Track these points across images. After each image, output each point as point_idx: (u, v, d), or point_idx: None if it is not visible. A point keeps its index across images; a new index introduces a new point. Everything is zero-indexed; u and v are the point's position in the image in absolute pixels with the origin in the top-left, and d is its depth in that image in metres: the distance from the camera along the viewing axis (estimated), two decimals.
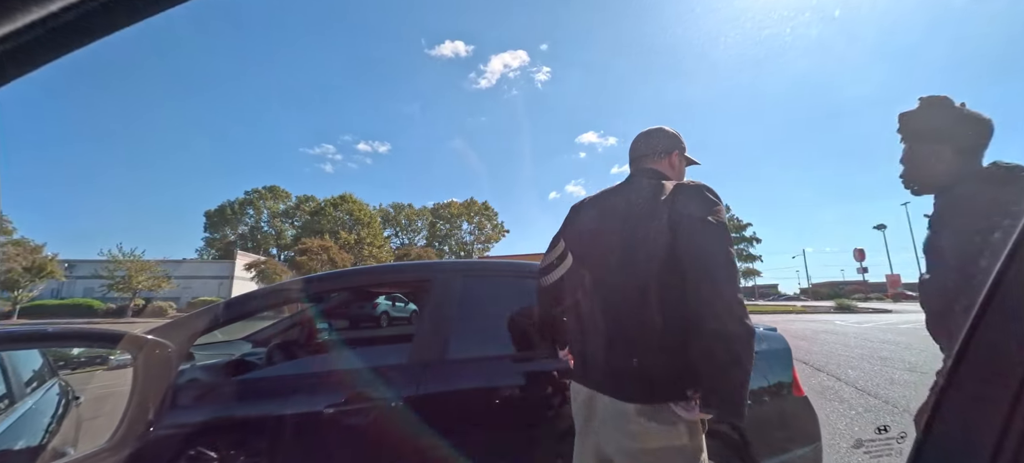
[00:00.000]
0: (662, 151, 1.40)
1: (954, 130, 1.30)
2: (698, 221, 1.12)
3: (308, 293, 2.10)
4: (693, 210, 1.14)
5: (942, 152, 1.32)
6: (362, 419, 1.61)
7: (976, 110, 1.30)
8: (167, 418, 1.48)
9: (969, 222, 1.17)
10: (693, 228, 1.11)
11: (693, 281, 1.07)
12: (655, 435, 1.08)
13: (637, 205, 1.23)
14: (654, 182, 1.26)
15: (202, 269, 42.35)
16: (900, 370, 6.19)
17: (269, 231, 61.34)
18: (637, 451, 1.10)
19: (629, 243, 1.19)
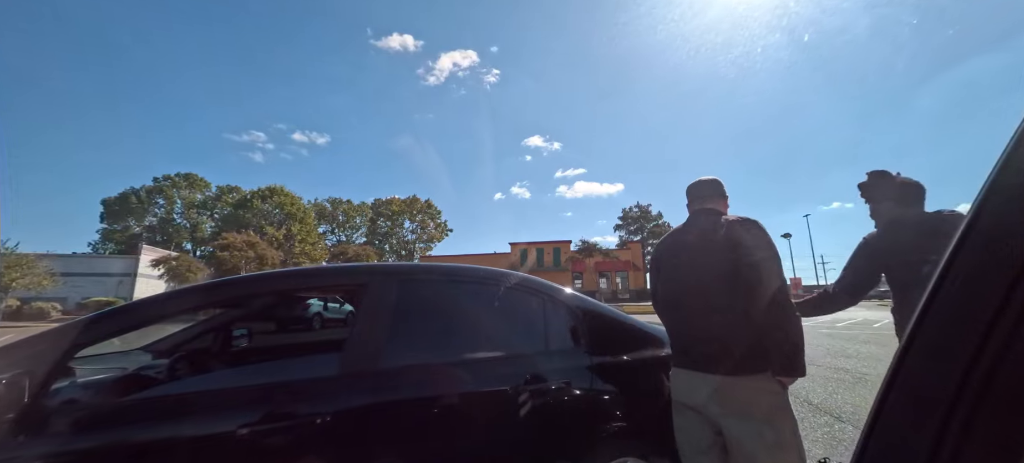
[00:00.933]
0: (719, 196, 1.90)
1: (892, 193, 1.94)
2: (766, 250, 1.63)
3: (220, 300, 1.88)
4: (764, 242, 1.64)
5: (884, 208, 1.98)
6: (284, 438, 1.46)
7: (908, 177, 1.94)
8: (20, 454, 1.24)
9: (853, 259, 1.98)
10: (764, 257, 1.61)
11: (762, 298, 1.56)
12: (758, 394, 1.58)
13: (714, 237, 1.71)
14: (716, 218, 1.77)
15: (97, 265, 36.96)
16: None
17: (183, 224, 55.18)
18: (746, 405, 1.58)
19: (718, 265, 1.65)
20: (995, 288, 0.40)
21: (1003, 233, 0.41)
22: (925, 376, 0.47)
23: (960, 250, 0.44)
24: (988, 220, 0.43)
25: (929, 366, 0.46)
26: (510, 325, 2.08)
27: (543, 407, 1.78)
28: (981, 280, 0.42)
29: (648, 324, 2.33)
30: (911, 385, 0.48)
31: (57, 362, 1.43)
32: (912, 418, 0.47)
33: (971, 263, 0.43)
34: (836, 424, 3.87)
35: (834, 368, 6.61)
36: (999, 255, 0.40)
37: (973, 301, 0.43)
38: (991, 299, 0.40)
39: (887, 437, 0.50)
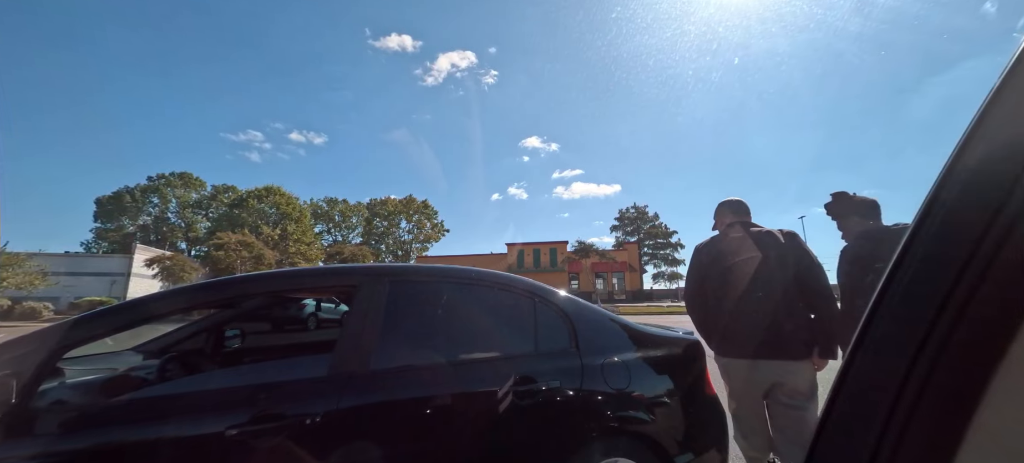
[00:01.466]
0: (749, 212, 2.41)
1: (850, 208, 2.35)
2: (811, 257, 2.15)
3: (211, 301, 1.88)
4: (806, 250, 2.16)
5: (851, 222, 2.35)
6: (273, 440, 1.47)
7: (863, 195, 2.34)
8: (8, 456, 1.24)
9: (842, 266, 2.30)
10: (810, 262, 2.12)
11: (811, 295, 2.09)
12: (807, 374, 2.09)
13: (771, 245, 2.15)
14: (762, 230, 2.26)
15: (90, 264, 36.65)
16: None
17: (178, 223, 54.80)
18: (798, 384, 2.07)
19: (770, 269, 2.10)
20: (937, 287, 0.42)
21: (947, 233, 0.43)
22: (870, 374, 0.49)
23: (906, 252, 0.46)
24: (933, 222, 0.44)
25: (874, 364, 0.49)
26: (501, 326, 2.09)
27: (534, 408, 1.79)
28: (923, 279, 0.44)
29: (642, 325, 2.35)
30: (857, 383, 0.50)
31: (45, 363, 1.42)
32: (858, 415, 0.49)
33: (915, 264, 0.45)
34: None
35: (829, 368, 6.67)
36: (942, 254, 0.43)
37: (915, 299, 0.45)
38: (932, 297, 0.42)
39: (835, 434, 0.52)
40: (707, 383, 2.18)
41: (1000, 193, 0.38)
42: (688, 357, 2.21)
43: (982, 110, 0.40)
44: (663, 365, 2.11)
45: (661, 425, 1.97)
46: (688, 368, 2.16)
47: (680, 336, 2.33)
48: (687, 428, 2.07)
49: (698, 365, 2.20)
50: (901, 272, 0.46)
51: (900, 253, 0.47)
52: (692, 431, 2.08)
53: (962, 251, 0.40)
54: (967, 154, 0.42)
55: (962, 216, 0.42)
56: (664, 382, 2.07)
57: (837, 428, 0.52)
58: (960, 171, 0.42)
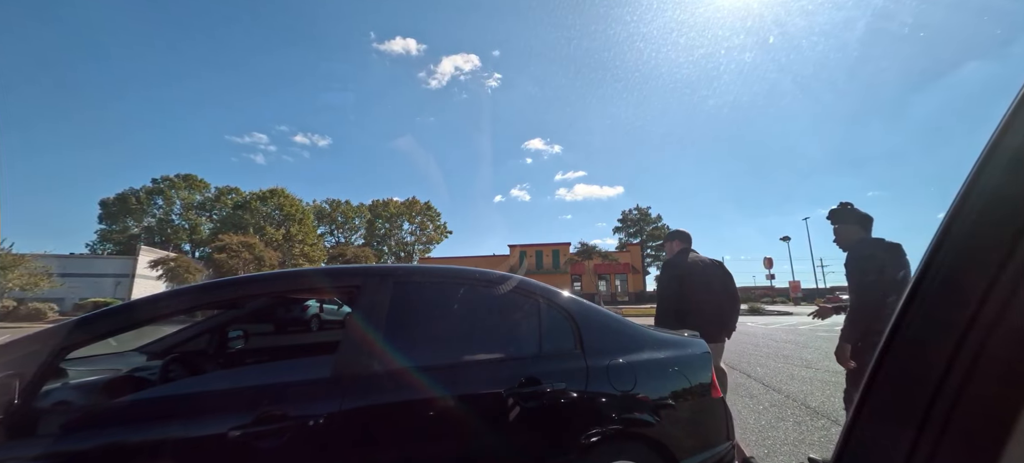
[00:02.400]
0: (692, 241, 3.73)
1: (853, 219, 2.67)
2: (732, 276, 3.52)
3: (213, 302, 1.87)
4: (728, 271, 3.52)
5: (851, 229, 2.68)
6: (276, 441, 1.45)
7: (862, 209, 2.67)
8: (11, 456, 1.23)
9: (857, 266, 2.50)
10: (732, 279, 3.52)
11: (732, 300, 3.48)
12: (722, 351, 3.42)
13: (713, 263, 3.51)
14: (703, 256, 3.58)
15: (95, 266, 36.88)
16: (799, 367, 6.97)
17: (182, 224, 55.04)
18: (721, 358, 3.41)
19: (721, 279, 3.44)
20: (973, 287, 0.41)
21: (980, 234, 0.42)
22: (904, 374, 0.48)
23: (939, 250, 0.46)
24: (965, 222, 0.44)
25: (908, 365, 0.48)
26: (505, 327, 2.07)
27: (538, 410, 1.77)
28: (960, 279, 0.44)
29: (647, 327, 2.33)
30: (890, 383, 0.49)
31: (47, 363, 1.42)
32: (890, 416, 0.48)
33: (950, 263, 0.45)
34: (833, 427, 3.87)
35: (832, 371, 6.60)
36: (977, 256, 0.42)
37: (951, 301, 0.44)
38: (969, 297, 0.41)
39: (866, 434, 0.51)
40: (713, 385, 2.16)
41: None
42: (694, 359, 2.18)
43: None
44: (669, 367, 2.09)
45: (667, 427, 1.94)
46: (694, 370, 2.14)
47: (685, 338, 2.31)
48: (693, 431, 2.04)
49: (704, 367, 2.18)
50: (935, 268, 0.46)
51: (934, 247, 0.46)
52: (698, 434, 2.05)
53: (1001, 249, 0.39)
54: (1009, 137, 0.41)
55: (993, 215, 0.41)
56: (670, 384, 2.05)
57: (867, 429, 0.51)
58: (999, 158, 0.42)
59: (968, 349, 0.41)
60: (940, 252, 0.46)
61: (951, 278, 0.45)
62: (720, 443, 2.09)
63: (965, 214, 0.44)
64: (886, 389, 0.50)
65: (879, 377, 0.50)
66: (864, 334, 2.38)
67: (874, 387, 0.50)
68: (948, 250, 0.45)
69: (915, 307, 0.47)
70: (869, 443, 0.50)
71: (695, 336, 2.37)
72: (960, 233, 0.44)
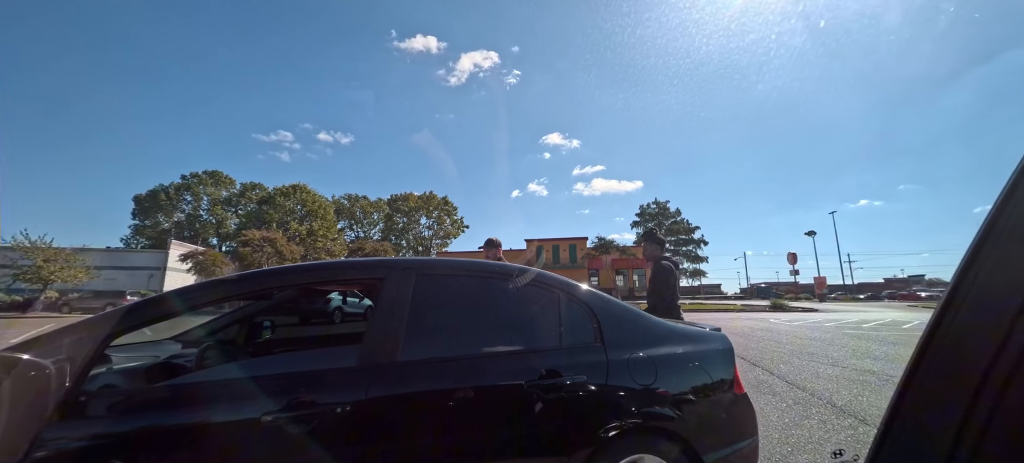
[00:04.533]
0: None
1: (655, 240, 4.12)
2: None
3: (243, 292, 1.94)
4: None
5: (654, 248, 4.09)
6: (305, 427, 1.51)
7: (660, 235, 4.17)
8: (63, 435, 1.31)
9: (659, 275, 3.85)
10: None
11: None
12: None
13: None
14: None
15: (129, 259, 38.57)
16: (824, 364, 6.78)
17: (209, 219, 56.95)
18: None
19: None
20: (1019, 282, 0.40)
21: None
22: (945, 373, 0.46)
23: (982, 247, 0.45)
24: (1009, 220, 0.43)
25: (950, 363, 0.46)
26: (526, 320, 2.09)
27: (558, 402, 1.78)
28: (1004, 275, 0.43)
29: (668, 321, 2.31)
30: (931, 381, 0.48)
31: (95, 350, 1.50)
32: (931, 414, 0.46)
33: (994, 259, 0.44)
34: (860, 427, 3.76)
35: (859, 369, 6.41)
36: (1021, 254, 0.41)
37: (996, 296, 0.43)
38: (1015, 292, 0.40)
39: (904, 434, 0.49)
40: (736, 381, 2.13)
41: None
42: (717, 353, 2.15)
43: None
44: (690, 361, 2.07)
45: (689, 422, 1.93)
46: (717, 365, 2.11)
47: (707, 332, 2.28)
48: (716, 426, 2.02)
49: (727, 362, 2.15)
50: (978, 264, 0.45)
51: (977, 243, 0.45)
52: (721, 429, 2.03)
53: None
54: None
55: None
56: (691, 379, 2.03)
57: (905, 428, 0.49)
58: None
59: (1016, 342, 0.39)
60: (987, 244, 0.44)
61: (1000, 270, 0.43)
62: (743, 439, 2.06)
63: (1015, 203, 0.42)
64: (928, 384, 0.48)
65: (919, 372, 0.48)
66: None
67: (913, 381, 0.49)
68: (996, 241, 0.44)
69: (959, 299, 0.45)
70: (909, 438, 0.49)
71: (717, 330, 2.33)
72: (1009, 225, 0.43)
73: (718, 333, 2.30)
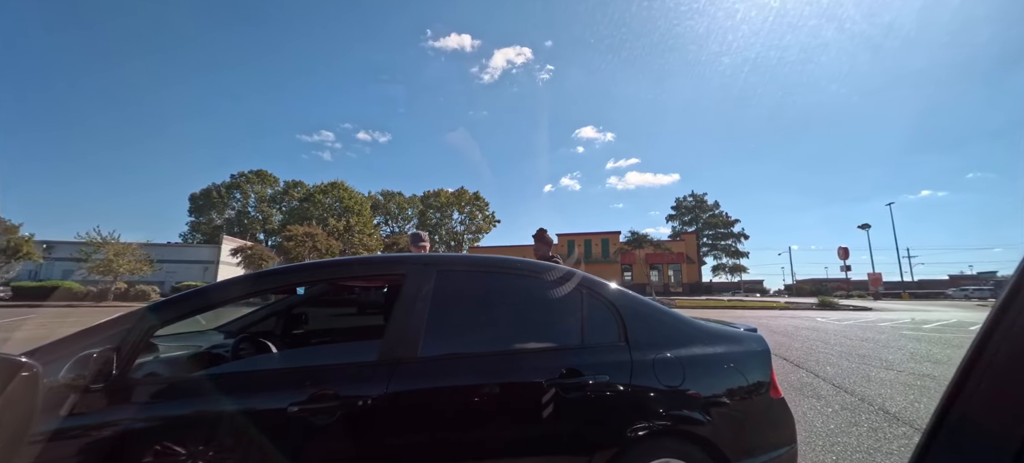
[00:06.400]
0: None
1: (545, 241, 3.91)
2: None
3: (271, 286, 2.02)
4: None
5: (542, 248, 3.86)
6: (329, 418, 1.55)
7: (549, 236, 4.01)
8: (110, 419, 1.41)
9: None
10: None
11: None
12: None
13: None
14: None
15: (187, 253, 41.55)
16: (877, 368, 6.32)
17: (256, 216, 60.36)
18: None
19: None
20: None
21: None
22: (1006, 376, 0.42)
23: None
24: None
25: (1010, 365, 0.42)
26: (547, 317, 2.05)
27: (580, 402, 1.74)
28: None
29: (699, 320, 2.20)
30: (992, 380, 0.43)
31: (140, 339, 1.61)
32: (992, 416, 0.43)
33: None
34: (916, 436, 3.46)
35: (917, 374, 5.92)
36: None
37: None
38: None
39: (958, 436, 0.45)
40: (772, 385, 2.00)
41: None
42: (751, 355, 2.04)
43: None
44: (722, 363, 1.97)
45: (718, 427, 1.84)
46: (751, 367, 2.00)
47: (741, 332, 2.16)
48: (749, 432, 1.91)
49: (762, 365, 2.03)
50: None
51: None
52: (755, 436, 1.92)
53: None
54: None
55: None
56: (723, 381, 1.93)
57: (956, 434, 0.45)
58: None
59: None
60: None
61: None
62: (780, 447, 1.94)
63: None
64: (988, 383, 0.43)
65: (978, 370, 0.44)
66: None
67: (970, 380, 0.44)
68: None
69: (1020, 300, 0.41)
70: (963, 441, 0.44)
71: (753, 331, 2.21)
72: None
73: (754, 333, 2.18)
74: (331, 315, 3.19)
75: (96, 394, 1.44)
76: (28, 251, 25.70)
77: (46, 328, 10.91)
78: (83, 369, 1.41)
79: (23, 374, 1.22)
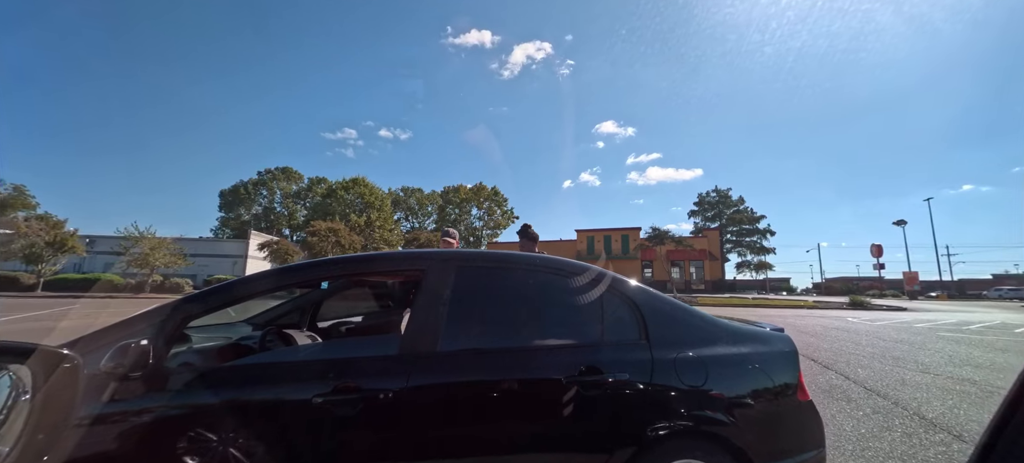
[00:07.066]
0: None
1: (529, 237, 4.15)
2: None
3: (295, 281, 2.08)
4: None
5: (528, 244, 4.13)
6: (351, 410, 1.58)
7: (533, 231, 4.17)
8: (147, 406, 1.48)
9: None
10: None
11: None
12: None
13: None
14: None
15: (217, 248, 43.18)
16: (912, 371, 6.04)
17: (282, 211, 62.19)
18: None
19: None
20: None
21: None
22: None
23: None
24: None
25: None
26: (566, 314, 2.04)
27: (599, 400, 1.73)
28: None
29: (723, 319, 2.15)
30: None
31: (174, 330, 1.68)
32: None
33: None
34: (954, 444, 3.31)
35: (957, 378, 5.64)
36: None
37: None
38: None
39: (1017, 455, 0.42)
40: (800, 387, 1.94)
41: None
42: (778, 356, 1.98)
43: None
44: (747, 364, 1.92)
45: (743, 429, 1.79)
46: (778, 368, 1.94)
47: (767, 332, 2.10)
48: (775, 434, 1.86)
49: (789, 366, 1.96)
50: None
51: None
52: (781, 438, 1.87)
53: None
54: None
55: None
56: (747, 382, 1.88)
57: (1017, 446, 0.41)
58: None
59: None
60: None
61: None
62: (807, 450, 1.88)
63: None
64: None
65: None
66: None
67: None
68: None
69: None
70: None
71: (780, 331, 2.14)
72: None
73: (780, 333, 2.11)
74: (354, 309, 3.25)
75: (134, 382, 1.51)
76: (73, 245, 27.16)
77: (88, 317, 11.60)
78: (122, 358, 1.48)
79: (65, 365, 1.28)
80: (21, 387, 1.60)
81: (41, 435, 1.25)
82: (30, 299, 19.57)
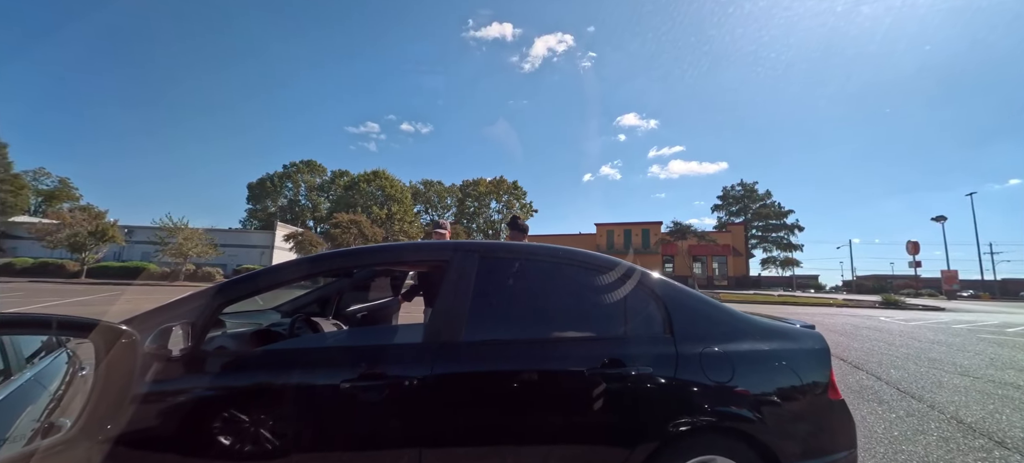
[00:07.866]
0: None
1: (519, 228, 3.82)
2: None
3: (323, 270, 2.13)
4: None
5: (518, 235, 3.77)
6: (376, 396, 1.63)
7: (523, 222, 3.86)
8: (184, 387, 1.56)
9: None
10: None
11: None
12: None
13: None
14: None
15: (246, 238, 44.75)
16: (950, 373, 5.78)
17: (306, 204, 63.81)
18: None
19: None
20: None
21: None
22: None
23: None
24: None
25: None
26: (589, 306, 2.03)
27: (622, 393, 1.72)
28: None
29: (751, 315, 2.10)
30: None
31: (210, 315, 1.75)
32: None
33: None
34: (995, 450, 3.15)
35: (998, 382, 5.36)
36: None
37: None
38: None
39: None
40: (832, 385, 1.88)
41: None
42: (808, 353, 1.92)
43: None
44: (775, 360, 1.87)
45: (771, 427, 1.75)
46: (808, 366, 1.88)
47: (798, 329, 2.04)
48: (804, 434, 1.81)
49: (820, 364, 1.91)
50: None
51: None
52: (811, 437, 1.82)
53: None
54: None
55: None
56: (775, 379, 1.83)
57: None
58: None
59: None
60: None
61: None
62: (838, 451, 1.83)
63: None
64: None
65: None
66: None
67: None
68: None
69: None
70: None
71: (811, 328, 2.08)
72: None
73: (811, 331, 2.05)
74: (379, 298, 3.32)
75: (174, 363, 1.59)
76: (113, 235, 28.63)
77: (132, 302, 12.27)
78: (164, 340, 1.56)
79: (123, 341, 1.37)
80: (78, 363, 1.71)
81: (102, 408, 1.33)
82: (76, 285, 20.78)
